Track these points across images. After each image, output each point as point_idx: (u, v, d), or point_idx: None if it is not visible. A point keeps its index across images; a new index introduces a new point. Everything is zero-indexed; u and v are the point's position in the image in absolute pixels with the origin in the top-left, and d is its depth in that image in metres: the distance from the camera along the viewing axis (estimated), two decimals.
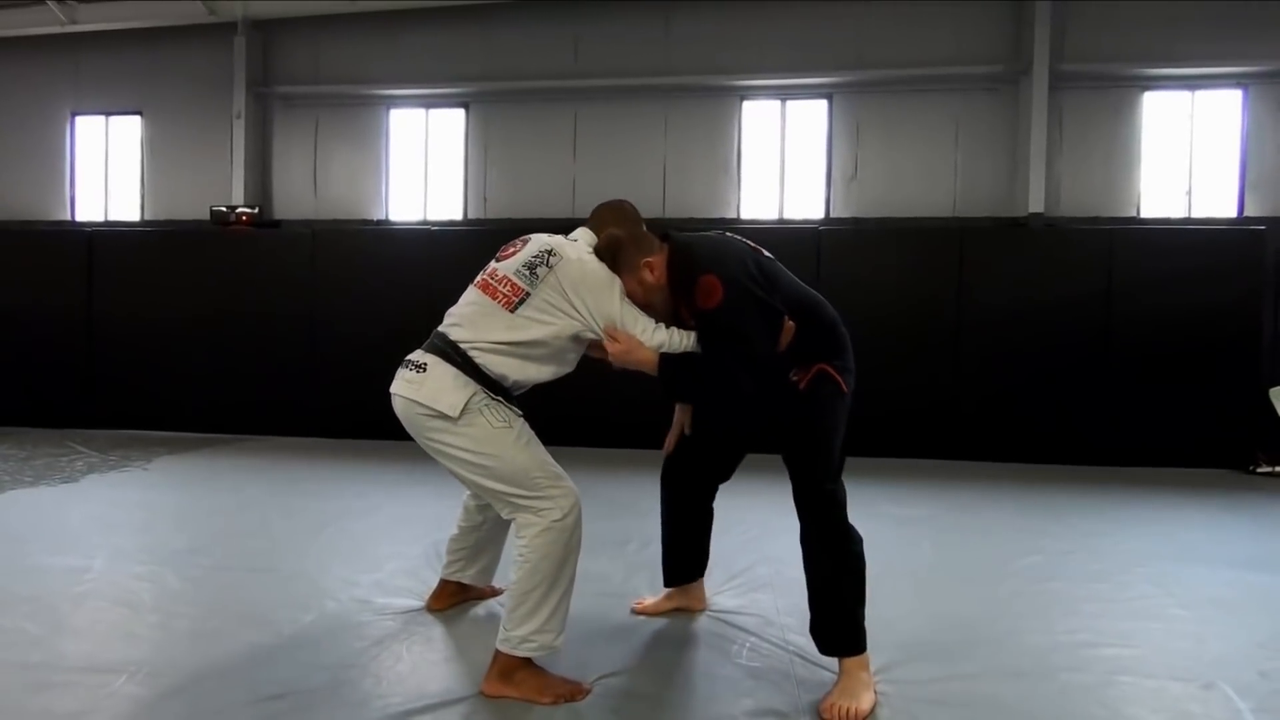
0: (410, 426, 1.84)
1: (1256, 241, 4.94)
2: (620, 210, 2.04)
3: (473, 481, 1.82)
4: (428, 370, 1.80)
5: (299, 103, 6.98)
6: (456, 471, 1.82)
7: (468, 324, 1.83)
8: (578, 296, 1.78)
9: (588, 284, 1.79)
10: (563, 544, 1.76)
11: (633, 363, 1.79)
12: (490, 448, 1.76)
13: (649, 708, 1.74)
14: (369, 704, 1.73)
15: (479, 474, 1.78)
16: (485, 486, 1.80)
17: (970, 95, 6.22)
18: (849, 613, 1.77)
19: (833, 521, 1.78)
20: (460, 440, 1.77)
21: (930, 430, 5.02)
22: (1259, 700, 1.80)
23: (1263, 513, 3.77)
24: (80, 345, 5.79)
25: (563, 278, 1.79)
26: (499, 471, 1.77)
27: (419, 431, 1.82)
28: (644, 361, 1.79)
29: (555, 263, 1.80)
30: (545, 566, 1.74)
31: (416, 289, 5.18)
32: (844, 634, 1.78)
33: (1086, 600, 2.45)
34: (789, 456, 1.84)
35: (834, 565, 1.77)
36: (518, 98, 6.69)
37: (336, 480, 4.14)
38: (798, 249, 5.18)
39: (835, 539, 1.78)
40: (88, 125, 7.30)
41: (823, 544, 1.78)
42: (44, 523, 3.21)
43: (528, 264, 1.81)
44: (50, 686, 1.77)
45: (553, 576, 1.75)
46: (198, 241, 5.93)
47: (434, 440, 1.80)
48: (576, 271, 1.80)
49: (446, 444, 1.78)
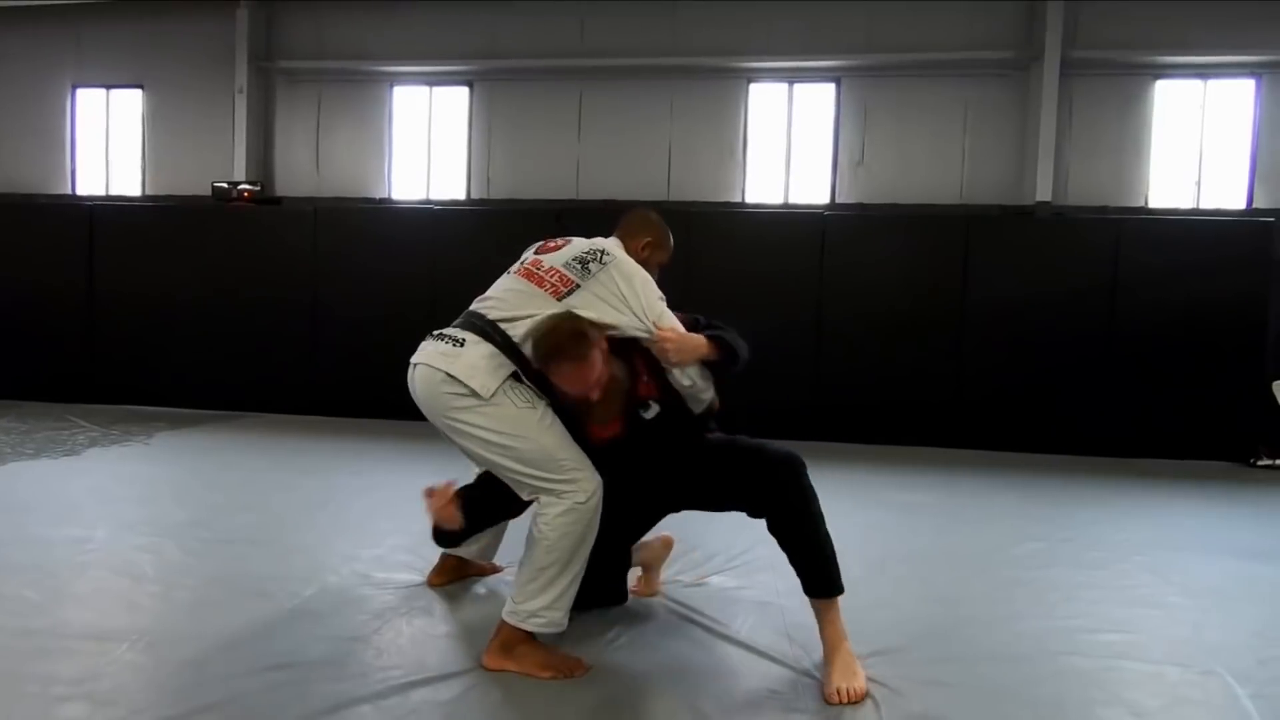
0: (429, 401, 1.77)
1: (1265, 234, 4.90)
2: (647, 220, 2.12)
3: (493, 463, 1.76)
4: (465, 345, 1.75)
5: (302, 78, 6.92)
6: (476, 452, 1.77)
7: (508, 306, 1.80)
8: (632, 289, 1.80)
9: (640, 279, 1.84)
10: (584, 525, 1.75)
11: (689, 349, 1.81)
12: (516, 428, 1.72)
13: (648, 684, 1.74)
14: (370, 675, 1.73)
15: (501, 454, 1.73)
16: (507, 468, 1.75)
17: (980, 81, 6.16)
18: (833, 549, 1.80)
19: (806, 478, 1.78)
20: (484, 420, 1.72)
21: (933, 419, 5.02)
22: (1257, 687, 1.81)
23: (1263, 504, 3.77)
24: (81, 319, 5.77)
25: (616, 273, 1.81)
26: (523, 454, 1.72)
27: (439, 409, 1.75)
28: (699, 347, 1.82)
29: (609, 261, 1.83)
30: (564, 545, 1.73)
31: (419, 269, 5.16)
32: (836, 570, 1.79)
33: (1085, 587, 2.45)
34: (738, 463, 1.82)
35: (816, 512, 1.78)
36: (522, 77, 6.63)
37: (336, 457, 4.15)
38: (803, 235, 5.15)
39: (811, 491, 1.79)
40: (88, 98, 7.24)
41: (806, 496, 1.77)
42: (45, 494, 3.22)
43: (579, 259, 1.83)
44: (52, 653, 1.78)
45: (569, 556, 1.74)
46: (199, 217, 5.90)
47: (455, 419, 1.73)
48: (629, 268, 1.85)
49: (469, 423, 1.73)
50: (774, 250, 5.14)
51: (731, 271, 5.12)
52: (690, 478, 1.90)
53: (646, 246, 2.05)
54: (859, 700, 1.66)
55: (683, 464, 1.90)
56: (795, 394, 5.11)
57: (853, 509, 3.38)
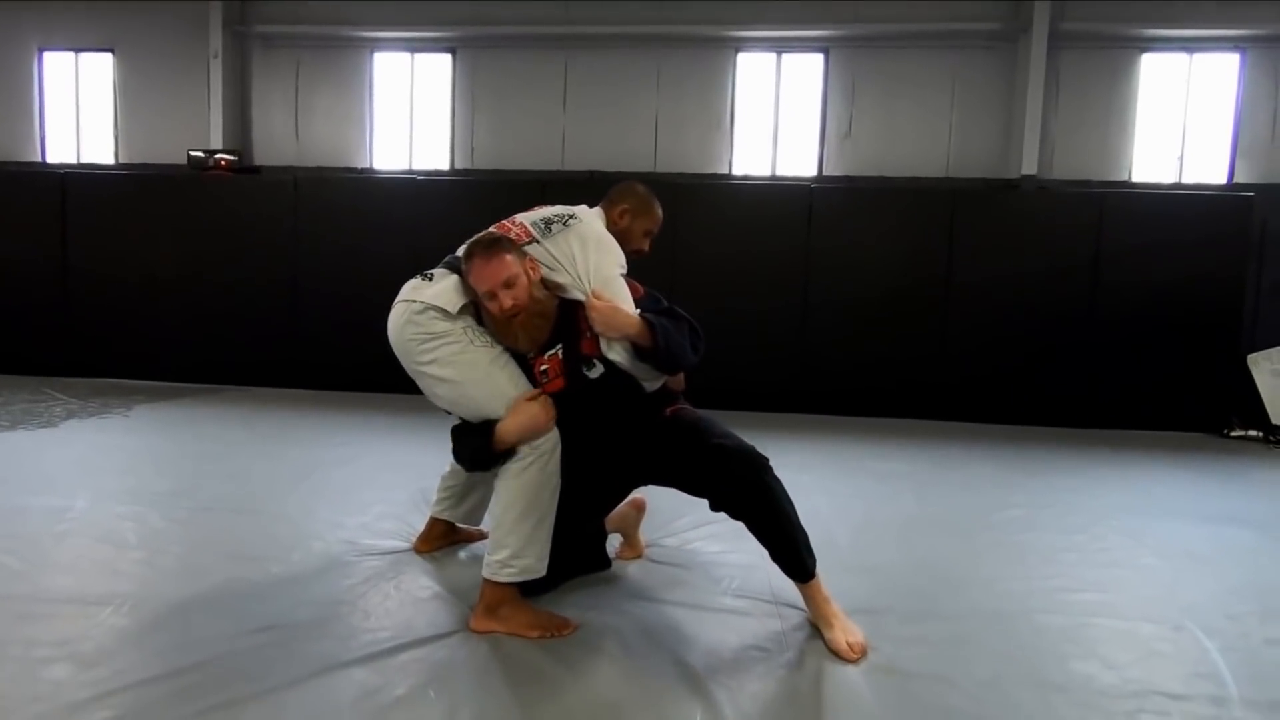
0: (397, 341, 1.86)
1: (1245, 209, 4.95)
2: (630, 188, 2.14)
3: (453, 401, 1.84)
4: (434, 279, 1.87)
5: (279, 43, 6.73)
6: (436, 392, 1.85)
7: None
8: (584, 252, 1.86)
9: (599, 245, 1.90)
10: (539, 469, 1.79)
11: (615, 325, 1.77)
12: (473, 368, 1.80)
13: (635, 642, 1.76)
14: (356, 637, 1.73)
15: (459, 393, 1.81)
16: (465, 408, 1.83)
17: (968, 53, 6.13)
18: (801, 536, 1.81)
19: (765, 476, 1.77)
20: (445, 356, 1.80)
21: (914, 391, 5.07)
22: (1226, 641, 1.86)
23: (1234, 473, 3.86)
24: (55, 290, 5.65)
25: (574, 236, 1.88)
26: (477, 392, 1.80)
27: (406, 351, 1.85)
28: (627, 324, 1.78)
29: (572, 224, 1.91)
30: (516, 488, 1.78)
31: (401, 241, 5.09)
32: (806, 555, 1.81)
33: (1063, 550, 2.50)
34: (699, 460, 1.80)
35: (786, 502, 1.79)
36: (507, 44, 6.50)
37: (318, 429, 4.11)
38: (790, 207, 5.14)
39: (779, 482, 1.79)
40: (56, 62, 7.00)
41: (766, 495, 1.77)
42: (22, 465, 3.16)
43: (545, 219, 1.93)
44: (35, 617, 1.76)
45: (527, 498, 1.78)
46: (176, 186, 5.76)
47: (418, 359, 1.83)
48: (592, 233, 1.91)
49: (430, 362, 1.81)
50: (760, 222, 5.12)
51: (718, 243, 5.10)
52: (654, 457, 1.89)
53: (624, 214, 2.09)
54: (863, 652, 1.71)
55: (646, 440, 1.89)
56: (780, 364, 5.13)
57: (836, 477, 3.42)
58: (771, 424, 4.51)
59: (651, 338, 1.77)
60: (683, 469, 1.85)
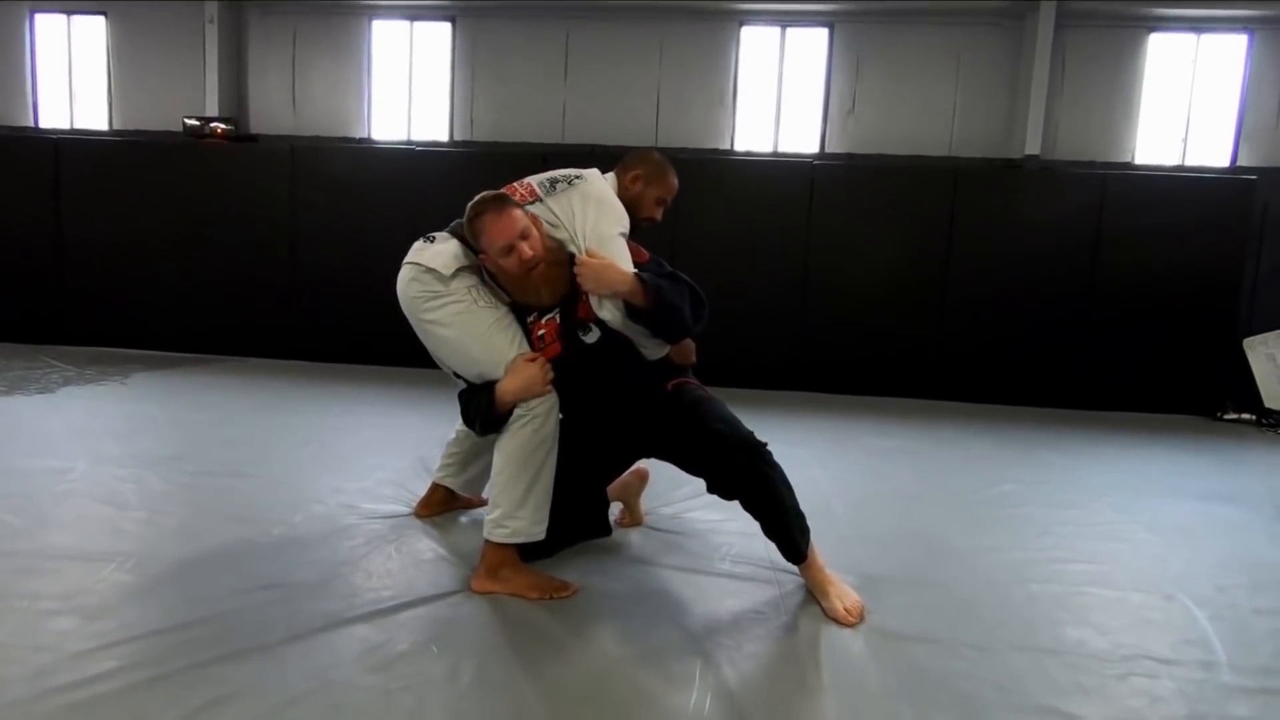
0: (404, 299, 1.88)
1: (1246, 192, 4.94)
2: (646, 155, 2.14)
3: (454, 360, 1.86)
4: (436, 242, 1.89)
5: (276, 10, 6.61)
6: (438, 352, 1.88)
7: None
8: (584, 209, 1.85)
9: (600, 203, 1.89)
10: (534, 430, 1.80)
11: (605, 281, 1.74)
12: (473, 325, 1.81)
13: (635, 605, 1.78)
14: (359, 596, 1.75)
15: (459, 352, 1.83)
16: (466, 367, 1.85)
17: (974, 30, 6.06)
18: (798, 520, 1.82)
19: (763, 464, 1.76)
20: (446, 315, 1.82)
21: (914, 370, 5.08)
22: (1214, 610, 1.90)
23: (1227, 453, 3.90)
24: (50, 257, 5.59)
25: (575, 195, 1.89)
26: (477, 352, 1.81)
27: (412, 308, 1.87)
28: (618, 280, 1.74)
29: (577, 183, 1.91)
30: (510, 448, 1.80)
31: (399, 212, 5.04)
32: (801, 539, 1.82)
33: (1058, 524, 2.53)
34: (698, 445, 1.80)
35: (784, 488, 1.79)
36: (507, 13, 6.39)
37: (318, 399, 4.11)
38: (792, 184, 5.10)
39: (776, 467, 1.78)
40: (48, 24, 6.87)
41: (763, 483, 1.76)
42: (20, 429, 3.16)
43: (551, 179, 1.94)
44: (38, 572, 1.77)
45: (522, 459, 1.79)
46: (172, 154, 5.69)
47: (422, 315, 1.85)
48: (595, 192, 1.91)
49: (433, 320, 1.83)
50: (762, 199, 5.09)
51: (719, 219, 5.07)
52: (652, 432, 1.89)
53: (636, 179, 2.08)
54: (860, 615, 1.74)
55: (645, 413, 1.88)
56: (780, 341, 5.14)
57: (834, 452, 3.45)
58: (771, 401, 4.53)
59: (645, 295, 1.74)
60: (680, 449, 1.86)
